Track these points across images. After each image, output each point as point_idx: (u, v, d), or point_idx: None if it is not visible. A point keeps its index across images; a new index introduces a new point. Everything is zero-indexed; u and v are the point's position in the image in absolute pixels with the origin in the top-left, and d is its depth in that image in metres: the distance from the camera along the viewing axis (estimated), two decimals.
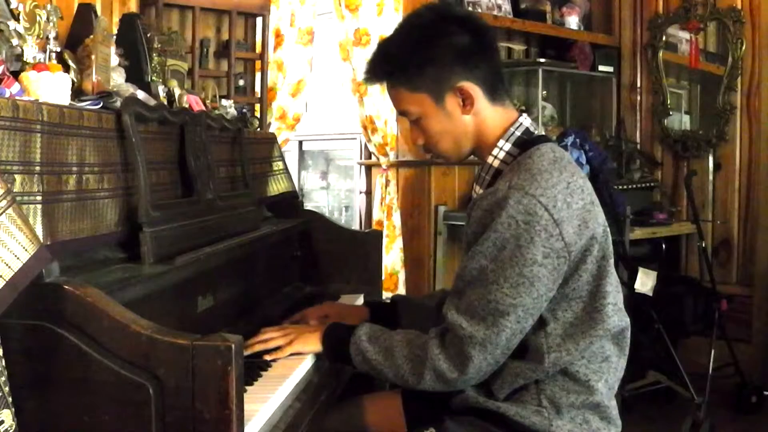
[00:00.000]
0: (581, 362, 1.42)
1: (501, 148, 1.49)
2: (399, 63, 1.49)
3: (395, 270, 3.63)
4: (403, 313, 1.80)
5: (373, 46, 3.57)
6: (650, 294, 3.24)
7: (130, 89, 1.62)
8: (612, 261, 1.45)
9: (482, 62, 1.49)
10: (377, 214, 3.72)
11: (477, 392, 1.46)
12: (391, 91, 1.54)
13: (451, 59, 1.46)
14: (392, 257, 3.60)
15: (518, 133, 1.50)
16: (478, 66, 1.48)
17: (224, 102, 2.26)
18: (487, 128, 1.50)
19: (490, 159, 1.50)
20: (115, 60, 1.68)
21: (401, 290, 3.65)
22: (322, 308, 1.87)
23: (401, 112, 1.54)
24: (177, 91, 1.87)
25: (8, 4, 1.48)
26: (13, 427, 0.99)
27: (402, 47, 1.51)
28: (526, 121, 1.52)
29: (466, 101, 1.48)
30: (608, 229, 1.47)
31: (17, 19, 1.43)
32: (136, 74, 1.81)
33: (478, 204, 1.40)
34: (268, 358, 1.54)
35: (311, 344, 1.57)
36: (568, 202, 1.37)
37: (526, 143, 1.48)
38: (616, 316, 1.44)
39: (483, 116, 1.50)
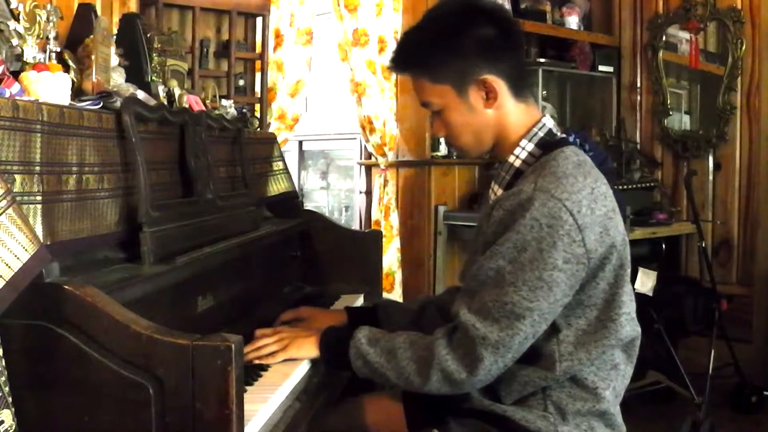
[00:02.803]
0: (590, 369, 1.41)
1: (523, 148, 1.47)
2: (422, 53, 1.47)
3: (392, 270, 3.63)
4: (384, 317, 1.77)
5: (371, 47, 3.58)
6: (650, 294, 3.25)
7: (130, 89, 1.62)
8: (629, 270, 1.44)
9: (507, 56, 1.46)
10: (375, 214, 3.72)
11: (482, 395, 1.45)
12: (414, 81, 1.51)
13: (475, 51, 1.44)
14: (389, 257, 3.60)
15: (541, 134, 1.47)
16: (503, 60, 1.46)
17: (224, 102, 2.26)
18: (509, 125, 1.48)
19: (511, 158, 1.48)
20: (115, 60, 1.68)
21: (398, 291, 3.65)
22: (298, 311, 1.84)
23: (423, 104, 1.52)
24: (177, 91, 1.87)
25: (8, 4, 1.48)
26: (13, 427, 0.99)
27: (426, 38, 1.49)
28: (549, 122, 1.50)
29: (490, 95, 1.45)
30: (627, 238, 1.44)
31: (17, 19, 1.43)
32: (136, 74, 1.81)
33: (501, 204, 1.37)
34: (257, 362, 1.50)
35: (306, 349, 1.53)
36: (592, 208, 1.35)
37: (548, 145, 1.46)
38: (629, 325, 1.42)
39: (506, 112, 1.47)
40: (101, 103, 1.47)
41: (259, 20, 3.26)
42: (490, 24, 1.45)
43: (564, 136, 1.51)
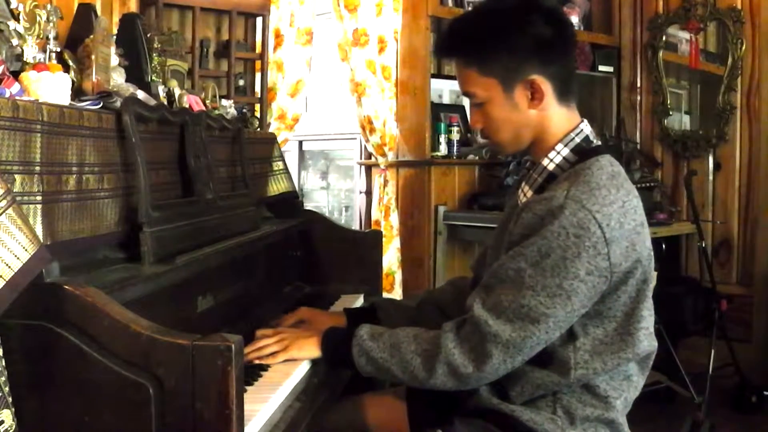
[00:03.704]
0: (603, 378, 1.41)
1: (558, 152, 1.46)
2: (475, 44, 1.46)
3: (392, 270, 3.63)
4: (383, 316, 1.77)
5: (371, 47, 3.58)
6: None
7: (130, 89, 1.62)
8: (652, 286, 1.43)
9: (559, 59, 1.46)
10: (375, 214, 3.72)
11: (491, 393, 1.44)
12: (460, 69, 1.50)
13: (528, 50, 1.43)
14: (389, 257, 3.60)
15: (578, 140, 1.46)
16: (555, 62, 1.45)
17: (224, 102, 2.26)
18: (549, 127, 1.47)
19: (545, 161, 1.47)
20: (115, 60, 1.68)
21: (398, 291, 3.65)
22: (299, 313, 1.83)
23: (466, 93, 1.51)
24: (177, 91, 1.87)
25: (8, 4, 1.48)
26: (13, 427, 0.99)
27: (482, 28, 1.47)
28: (587, 128, 1.49)
29: (535, 95, 1.44)
30: (652, 253, 1.44)
31: (17, 19, 1.42)
32: (136, 74, 1.80)
33: (531, 207, 1.37)
34: (257, 362, 1.50)
35: (307, 350, 1.53)
36: (621, 222, 1.35)
37: (584, 152, 1.45)
38: (647, 340, 1.41)
39: (548, 114, 1.46)
40: (101, 103, 1.47)
41: (259, 20, 3.26)
42: (547, 24, 1.43)
43: (600, 143, 1.50)
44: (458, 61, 1.50)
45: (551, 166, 1.46)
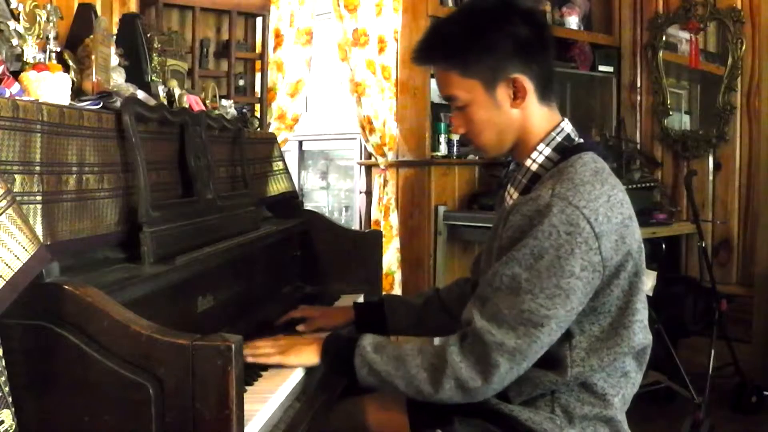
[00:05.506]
0: (600, 375, 1.41)
1: (541, 152, 1.47)
2: (456, 46, 1.46)
3: (391, 270, 3.63)
4: (390, 312, 1.77)
5: (371, 47, 3.58)
6: (650, 294, 3.24)
7: (130, 89, 1.62)
8: (647, 281, 1.44)
9: (539, 58, 1.47)
10: (375, 214, 3.72)
11: None
12: (441, 73, 1.50)
13: (509, 50, 1.44)
14: (389, 257, 3.60)
15: (559, 139, 1.47)
16: (535, 61, 1.46)
17: (224, 102, 2.26)
18: (531, 127, 1.48)
19: (528, 162, 1.48)
20: (115, 60, 1.68)
21: (398, 291, 3.65)
22: (307, 310, 1.82)
23: (447, 97, 1.50)
24: (177, 91, 1.87)
25: (8, 4, 1.48)
26: (13, 427, 0.99)
27: (461, 31, 1.47)
28: (567, 126, 1.50)
29: (518, 94, 1.45)
30: (643, 246, 1.44)
31: (17, 19, 1.43)
32: (136, 74, 1.81)
33: (518, 209, 1.37)
34: (250, 360, 1.47)
35: (306, 356, 1.50)
36: (608, 216, 1.35)
37: (566, 150, 1.46)
38: (642, 333, 1.41)
39: (529, 113, 1.47)
40: (101, 103, 1.47)
41: (259, 20, 3.26)
42: (525, 24, 1.44)
43: (582, 141, 1.50)
44: (438, 66, 1.51)
45: (534, 167, 1.47)
